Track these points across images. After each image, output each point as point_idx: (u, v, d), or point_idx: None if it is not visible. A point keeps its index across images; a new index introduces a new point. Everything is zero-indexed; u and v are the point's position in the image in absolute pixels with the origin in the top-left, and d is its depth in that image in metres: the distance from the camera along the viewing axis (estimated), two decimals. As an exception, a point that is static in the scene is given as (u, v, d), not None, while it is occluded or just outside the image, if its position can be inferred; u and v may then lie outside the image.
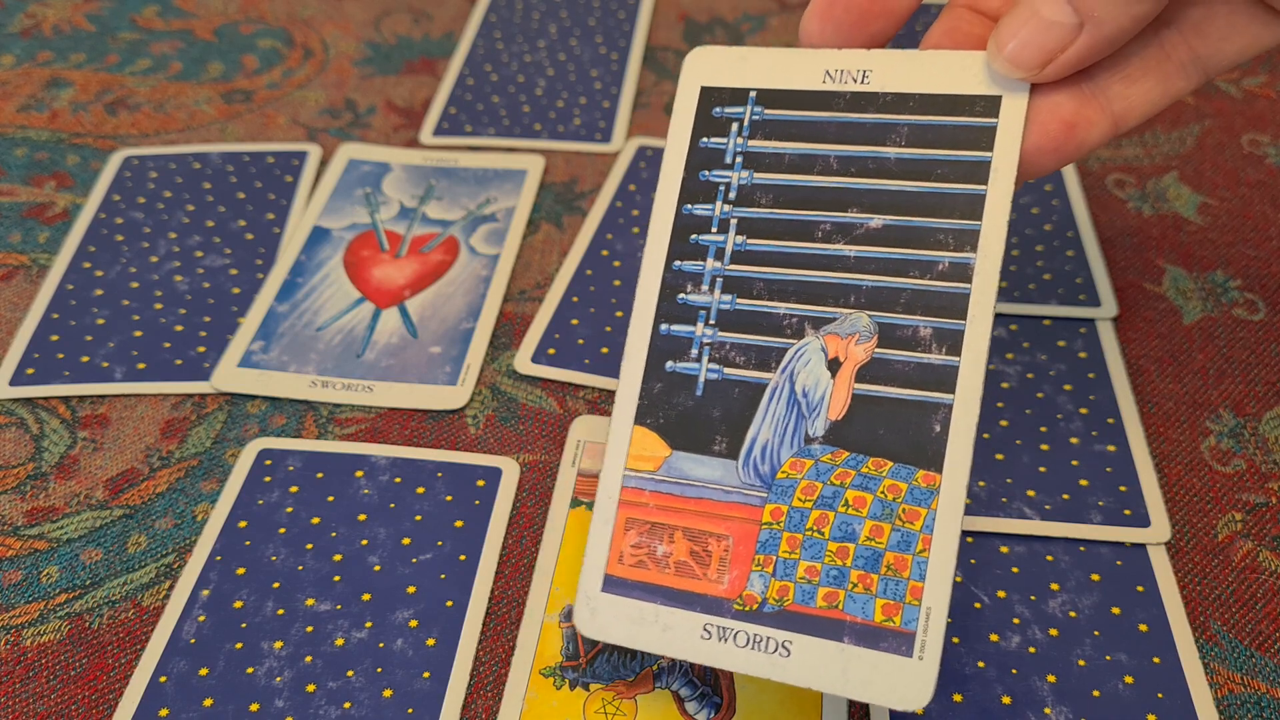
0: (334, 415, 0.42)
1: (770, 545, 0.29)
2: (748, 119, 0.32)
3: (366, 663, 0.34)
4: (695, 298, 0.31)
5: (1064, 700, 0.33)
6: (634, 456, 0.31)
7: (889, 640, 0.28)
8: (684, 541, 0.30)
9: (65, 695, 0.34)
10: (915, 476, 0.29)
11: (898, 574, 0.28)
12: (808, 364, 0.30)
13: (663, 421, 0.31)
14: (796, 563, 0.29)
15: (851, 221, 0.31)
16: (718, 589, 0.29)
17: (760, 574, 0.29)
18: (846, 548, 0.29)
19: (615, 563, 0.30)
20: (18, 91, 0.57)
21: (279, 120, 0.56)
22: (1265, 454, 0.40)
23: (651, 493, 0.30)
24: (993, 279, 0.29)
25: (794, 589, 0.29)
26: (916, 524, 0.28)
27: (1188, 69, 0.30)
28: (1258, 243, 0.48)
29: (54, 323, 0.45)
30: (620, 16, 0.61)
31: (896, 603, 0.28)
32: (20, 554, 0.38)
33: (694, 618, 0.29)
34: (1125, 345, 0.44)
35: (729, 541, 0.30)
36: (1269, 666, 0.34)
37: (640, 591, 0.30)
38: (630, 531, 0.30)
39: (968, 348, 0.29)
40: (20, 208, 0.51)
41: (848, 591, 0.29)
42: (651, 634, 0.30)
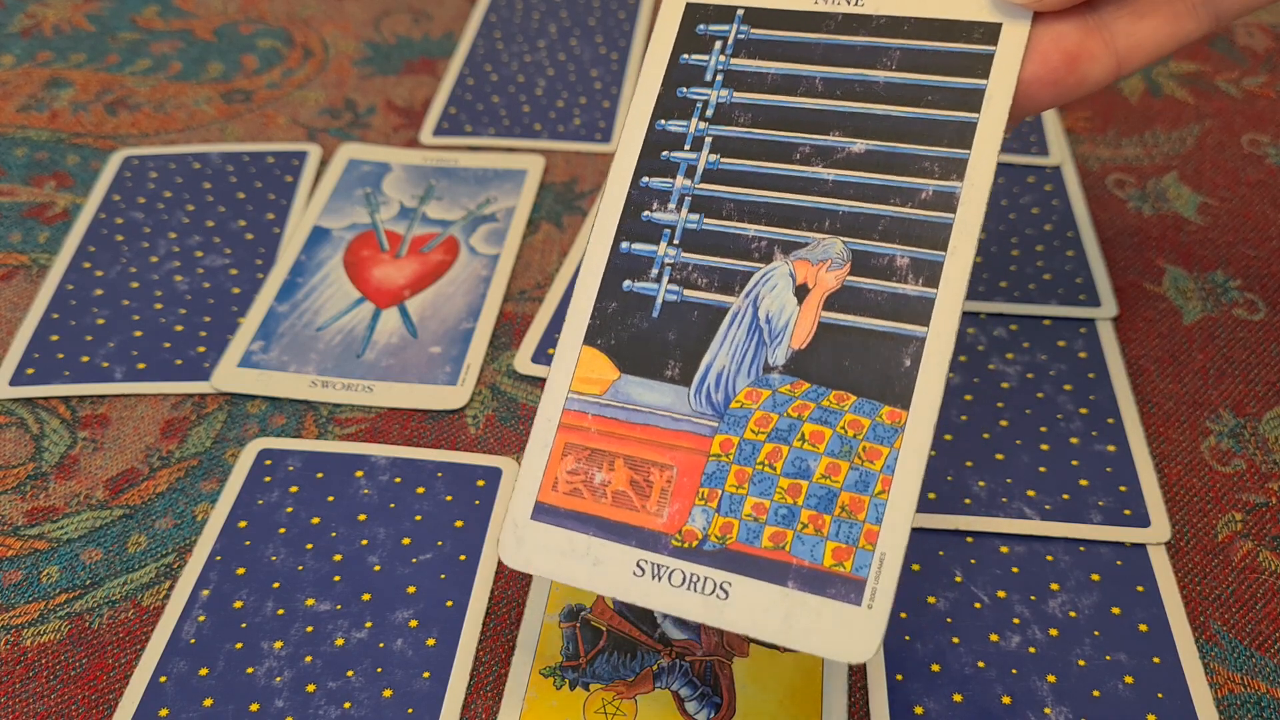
0: (334, 415, 0.42)
1: (717, 478, 0.28)
2: (732, 37, 0.31)
3: (366, 663, 0.34)
4: (661, 215, 0.30)
5: (1064, 700, 0.33)
6: (580, 379, 0.29)
7: (837, 586, 0.26)
8: (624, 470, 0.28)
9: (65, 695, 0.34)
10: (880, 413, 0.27)
11: (852, 516, 0.26)
12: (774, 289, 0.29)
13: (614, 343, 0.29)
14: (744, 499, 0.27)
15: (832, 145, 0.29)
16: (656, 522, 0.28)
17: (703, 509, 0.27)
18: (799, 485, 0.27)
19: (549, 489, 0.29)
20: (18, 91, 0.57)
21: (279, 120, 0.56)
22: (1265, 454, 0.40)
23: (595, 417, 0.29)
24: (979, 211, 0.28)
25: (738, 526, 0.27)
26: (877, 463, 0.27)
27: (1198, 11, 0.29)
28: (1258, 243, 0.48)
29: (54, 323, 0.45)
30: (620, 16, 0.61)
31: (849, 546, 0.26)
32: (20, 554, 0.38)
33: (627, 552, 0.28)
34: (1125, 345, 0.44)
35: (673, 472, 0.28)
36: (1269, 666, 0.34)
37: (572, 521, 0.28)
38: (568, 457, 0.29)
39: (946, 280, 0.28)
40: (20, 207, 0.51)
41: (796, 532, 0.27)
42: (580, 568, 0.28)
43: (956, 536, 0.37)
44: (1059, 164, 0.51)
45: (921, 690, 0.33)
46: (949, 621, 0.35)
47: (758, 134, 0.30)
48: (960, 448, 0.40)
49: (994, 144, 0.28)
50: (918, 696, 0.33)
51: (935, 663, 0.34)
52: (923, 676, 0.34)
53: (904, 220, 0.28)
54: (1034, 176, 0.51)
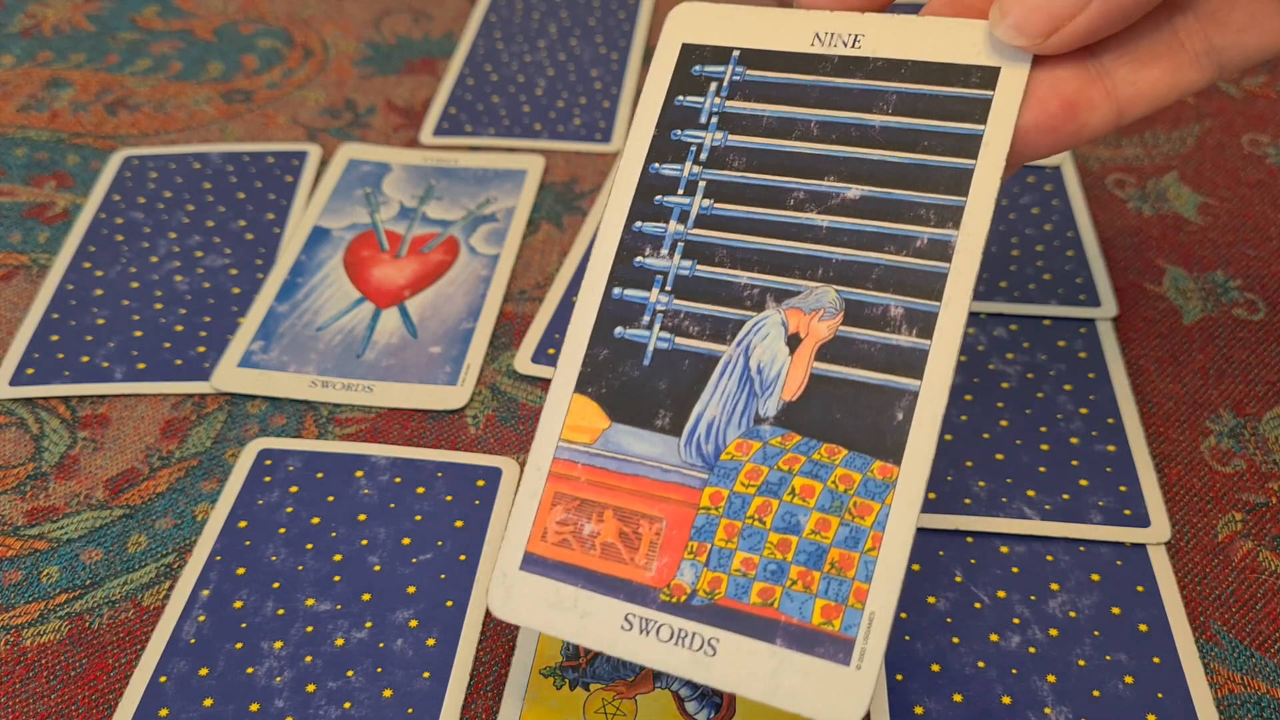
0: (334, 415, 0.42)
1: (706, 532, 0.27)
2: (728, 79, 0.30)
3: (366, 663, 0.34)
4: (653, 261, 0.30)
5: (1064, 700, 0.33)
6: (570, 427, 0.29)
7: (825, 645, 0.26)
8: (614, 521, 0.28)
9: (65, 695, 0.34)
10: (871, 467, 0.27)
11: (842, 573, 0.26)
12: (765, 338, 0.28)
13: (605, 391, 0.29)
14: (733, 553, 0.27)
15: (827, 190, 0.29)
16: (645, 576, 0.27)
17: (692, 563, 0.27)
18: (789, 540, 0.27)
19: (538, 539, 0.28)
20: (18, 91, 0.57)
21: (279, 120, 0.56)
22: (1265, 454, 0.40)
23: (585, 466, 0.28)
24: (974, 259, 0.27)
25: (727, 581, 0.27)
26: (868, 519, 0.26)
27: (1201, 61, 0.28)
28: (1258, 243, 0.48)
29: (54, 323, 0.45)
30: (620, 16, 0.61)
31: (838, 605, 0.26)
32: (20, 554, 0.38)
33: (616, 605, 0.27)
34: (1125, 345, 0.44)
35: (662, 525, 0.28)
36: (1269, 666, 0.34)
37: (561, 573, 0.28)
38: (557, 507, 0.28)
39: (940, 331, 0.27)
40: (20, 208, 0.51)
41: (785, 589, 0.26)
42: (568, 620, 0.28)
43: (956, 536, 0.37)
44: (1059, 164, 0.51)
45: (921, 690, 0.33)
46: (949, 621, 0.35)
47: (752, 178, 0.30)
48: (960, 448, 0.40)
49: (991, 191, 0.28)
50: (918, 696, 0.33)
51: (935, 663, 0.34)
52: (923, 676, 0.34)
53: (898, 269, 0.28)
54: (1034, 176, 0.51)
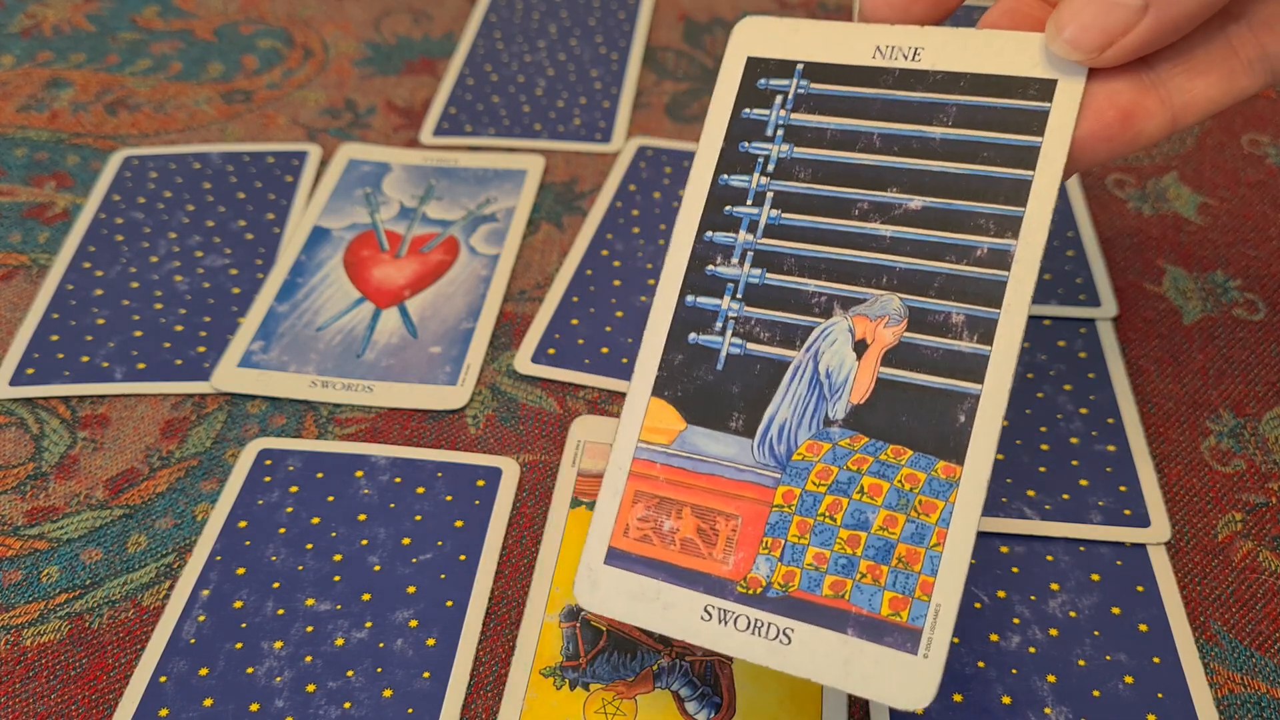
0: (334, 415, 0.42)
1: (780, 528, 0.29)
2: (793, 92, 0.31)
3: (366, 663, 0.34)
4: (724, 270, 0.31)
5: (1064, 700, 0.33)
6: (648, 429, 0.30)
7: (894, 635, 0.27)
8: (691, 519, 0.29)
9: (65, 695, 0.34)
10: (935, 467, 0.28)
11: (909, 567, 0.27)
12: (833, 344, 0.29)
13: (680, 395, 0.30)
14: (805, 548, 0.28)
15: (890, 201, 0.30)
16: (722, 569, 0.29)
17: (767, 557, 0.28)
18: (858, 536, 0.28)
19: (620, 535, 0.29)
20: (18, 91, 0.57)
21: (279, 120, 0.56)
22: (1265, 454, 0.40)
23: (663, 466, 0.30)
24: (1033, 269, 0.28)
25: (800, 575, 0.28)
26: (933, 517, 0.28)
27: (1255, 67, 0.29)
28: (1258, 243, 0.48)
29: (54, 323, 0.45)
30: (620, 16, 0.61)
31: (905, 597, 0.27)
32: (20, 554, 0.38)
33: (696, 597, 0.29)
34: (1125, 345, 0.44)
35: (738, 521, 0.29)
36: (1269, 666, 0.34)
37: (643, 566, 0.29)
38: (638, 505, 0.30)
39: (1000, 338, 0.28)
40: (20, 208, 0.51)
41: (855, 582, 0.28)
42: (651, 611, 0.29)
43: (956, 536, 0.37)
44: (1059, 164, 0.51)
45: (921, 690, 0.33)
46: (949, 621, 0.35)
47: (818, 190, 0.31)
48: (960, 448, 0.40)
49: (1049, 201, 0.29)
50: (918, 696, 0.33)
51: (935, 663, 0.34)
52: (923, 676, 0.34)
53: (959, 277, 0.29)
54: (1034, 176, 0.51)
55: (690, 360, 0.30)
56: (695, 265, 0.31)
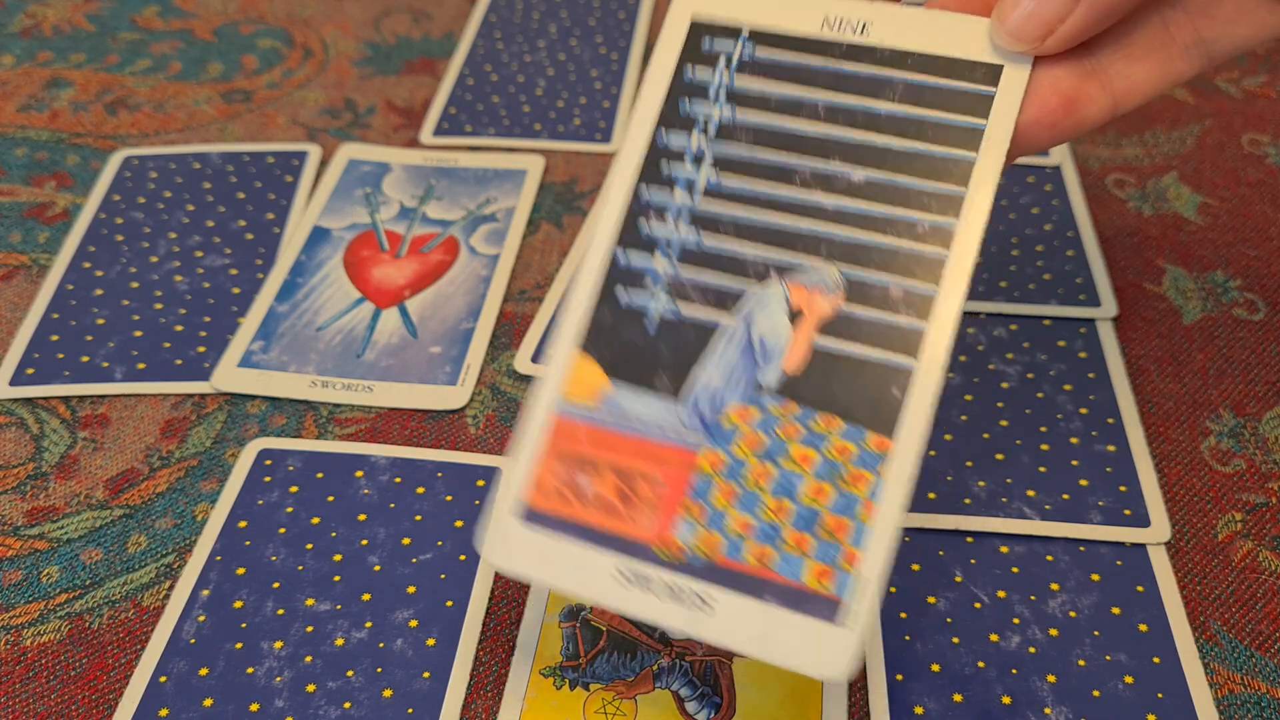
0: (334, 415, 0.42)
1: (703, 493, 0.28)
2: (737, 56, 0.31)
3: (366, 663, 0.34)
4: (658, 228, 0.30)
5: (1064, 700, 0.33)
6: (572, 385, 0.29)
7: (816, 605, 0.27)
8: (612, 479, 0.29)
9: (65, 695, 0.34)
10: (866, 439, 0.28)
11: (835, 538, 0.27)
12: (768, 310, 0.29)
13: (607, 352, 0.29)
14: (729, 514, 0.28)
15: (833, 172, 0.30)
16: (641, 532, 0.28)
17: (689, 521, 0.28)
18: (784, 505, 0.28)
19: (535, 494, 0.29)
20: (18, 91, 0.57)
21: (279, 120, 0.56)
22: (1265, 454, 0.40)
23: (584, 424, 0.29)
24: (973, 248, 0.28)
25: (723, 541, 0.28)
26: (862, 489, 0.27)
27: (1191, 52, 0.29)
28: (1258, 243, 0.48)
29: (54, 323, 0.45)
30: (620, 16, 0.61)
31: (829, 567, 0.27)
32: (20, 554, 0.38)
33: (612, 559, 0.28)
34: (1125, 345, 0.44)
35: (660, 483, 0.28)
36: (1269, 666, 0.34)
37: (559, 527, 0.28)
38: (556, 462, 0.29)
39: (936, 314, 0.28)
40: (20, 208, 0.51)
41: (780, 550, 0.27)
42: (564, 572, 0.28)
43: (956, 536, 0.37)
44: (1059, 164, 0.51)
45: (921, 690, 0.33)
46: (949, 621, 0.35)
47: (759, 155, 0.30)
48: (960, 448, 0.40)
49: (991, 183, 0.29)
50: (918, 696, 0.33)
51: (935, 663, 0.34)
52: (923, 676, 0.34)
53: (899, 252, 0.29)
54: (1034, 176, 0.51)
55: (619, 318, 0.30)
56: (630, 223, 0.30)
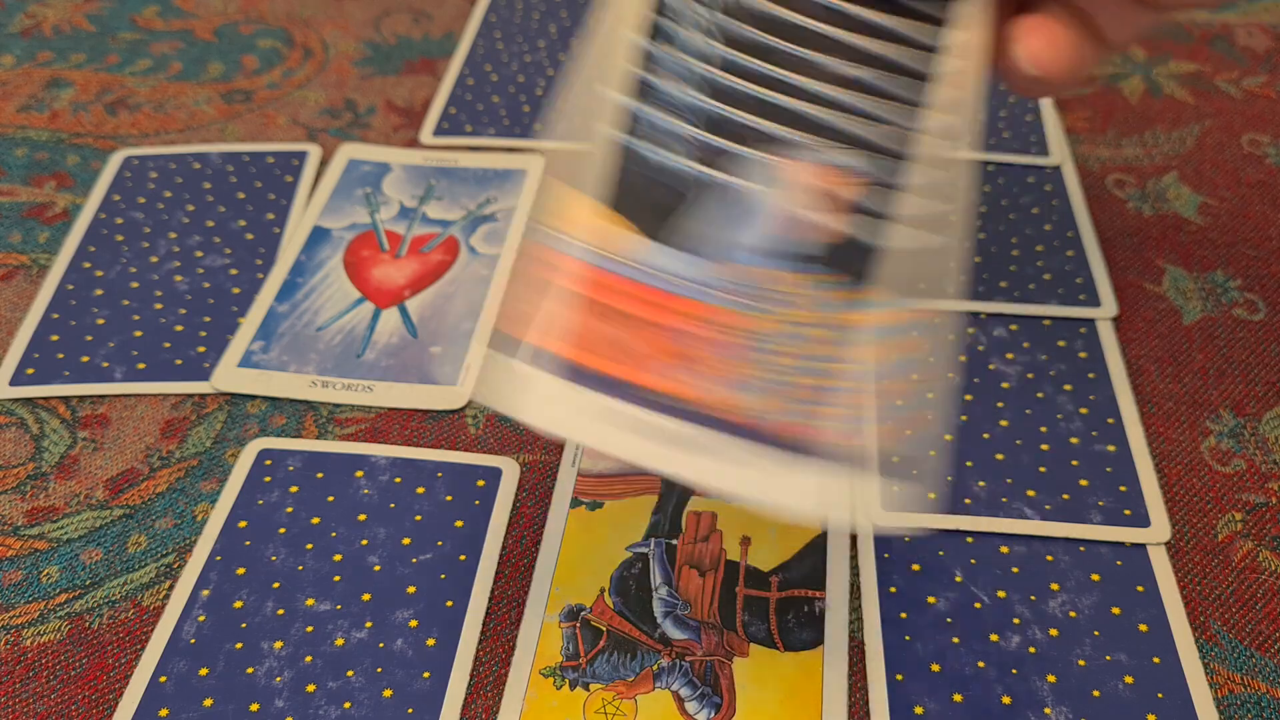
0: (334, 415, 0.42)
1: (738, 355, 0.28)
2: None
3: (366, 663, 0.34)
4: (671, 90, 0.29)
5: (1064, 700, 0.33)
6: (592, 231, 0.28)
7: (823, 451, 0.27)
8: (641, 332, 0.28)
9: (65, 695, 0.34)
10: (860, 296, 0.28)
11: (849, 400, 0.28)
12: (782, 183, 0.28)
13: (641, 211, 0.28)
14: (750, 371, 0.28)
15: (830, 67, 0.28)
16: (671, 385, 0.27)
17: (722, 380, 0.28)
18: (804, 363, 0.28)
19: (555, 340, 0.28)
20: (18, 91, 0.57)
21: (279, 120, 0.56)
22: (1265, 454, 0.40)
23: (603, 272, 0.28)
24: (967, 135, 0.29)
25: (741, 396, 0.28)
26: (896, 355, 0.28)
27: None
28: (1258, 243, 0.48)
29: (54, 323, 0.45)
30: (620, 16, 0.61)
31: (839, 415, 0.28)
32: (20, 554, 0.38)
33: (627, 409, 0.27)
34: (1125, 345, 0.44)
35: (694, 341, 0.28)
36: (1269, 666, 0.34)
37: (575, 374, 0.28)
38: (582, 311, 0.28)
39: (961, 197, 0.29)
40: (20, 208, 0.51)
41: (792, 404, 0.28)
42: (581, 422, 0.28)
43: (956, 536, 0.37)
44: (1059, 164, 0.51)
45: (921, 690, 0.33)
46: (949, 621, 0.35)
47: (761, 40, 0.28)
48: (960, 448, 0.40)
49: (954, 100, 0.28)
50: (918, 696, 0.33)
51: (935, 663, 0.34)
52: (923, 676, 0.34)
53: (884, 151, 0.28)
54: (1034, 176, 0.51)
55: (642, 174, 0.28)
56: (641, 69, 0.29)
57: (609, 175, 0.29)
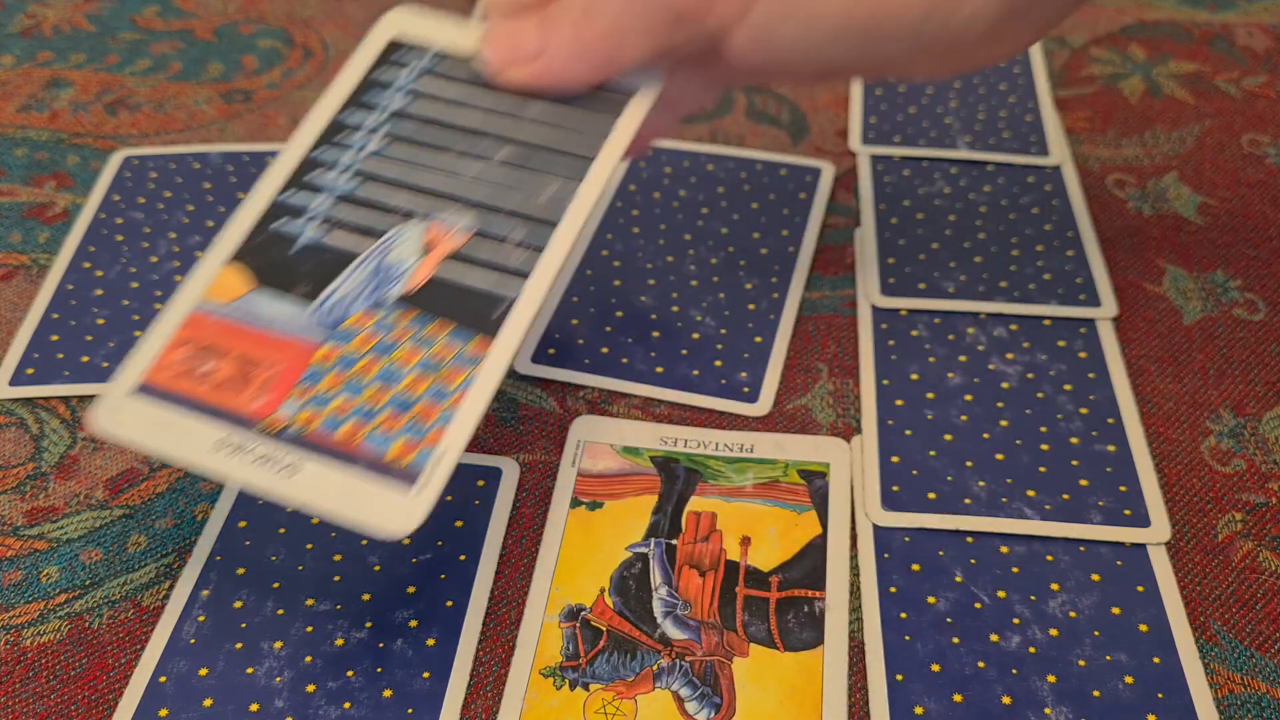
0: (334, 415, 0.42)
1: (314, 379, 0.32)
2: (422, 65, 0.38)
3: (366, 663, 0.34)
4: (324, 178, 0.36)
5: (1064, 700, 0.33)
6: (215, 288, 0.34)
7: (395, 474, 0.31)
8: (233, 363, 0.32)
9: (65, 695, 0.34)
10: (467, 345, 0.32)
11: (423, 421, 0.31)
12: (404, 242, 0.34)
13: (253, 263, 0.34)
14: (333, 397, 0.32)
15: (482, 152, 0.36)
16: (249, 408, 0.32)
17: (295, 401, 0.32)
18: (385, 392, 0.32)
19: (156, 371, 0.32)
20: (18, 91, 0.57)
21: (279, 120, 0.56)
22: (1265, 454, 0.40)
23: (219, 319, 0.33)
24: (577, 222, 0.35)
25: (322, 419, 0.31)
26: (455, 383, 0.32)
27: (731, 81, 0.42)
28: (1257, 243, 0.48)
29: (54, 323, 0.45)
30: (620, 16, 0.61)
31: (414, 443, 0.31)
32: (20, 554, 0.38)
33: (215, 430, 0.31)
34: (1125, 345, 0.44)
35: (276, 370, 0.32)
36: (1269, 666, 0.34)
37: (172, 400, 0.32)
38: (182, 348, 0.33)
39: (543, 261, 0.34)
40: (20, 208, 0.51)
41: (371, 428, 0.31)
42: (166, 438, 0.31)
43: (956, 536, 0.37)
44: (1059, 164, 0.51)
45: (921, 690, 0.33)
46: (949, 621, 0.35)
47: (422, 134, 0.36)
48: (960, 448, 0.40)
49: (602, 178, 0.35)
50: (918, 696, 0.33)
51: (935, 663, 0.34)
52: (923, 676, 0.34)
53: (523, 212, 0.35)
54: (1034, 176, 0.51)
55: (271, 239, 0.35)
56: (303, 168, 0.36)
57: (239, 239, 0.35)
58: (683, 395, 0.42)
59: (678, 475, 0.39)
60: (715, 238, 0.48)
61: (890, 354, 0.43)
